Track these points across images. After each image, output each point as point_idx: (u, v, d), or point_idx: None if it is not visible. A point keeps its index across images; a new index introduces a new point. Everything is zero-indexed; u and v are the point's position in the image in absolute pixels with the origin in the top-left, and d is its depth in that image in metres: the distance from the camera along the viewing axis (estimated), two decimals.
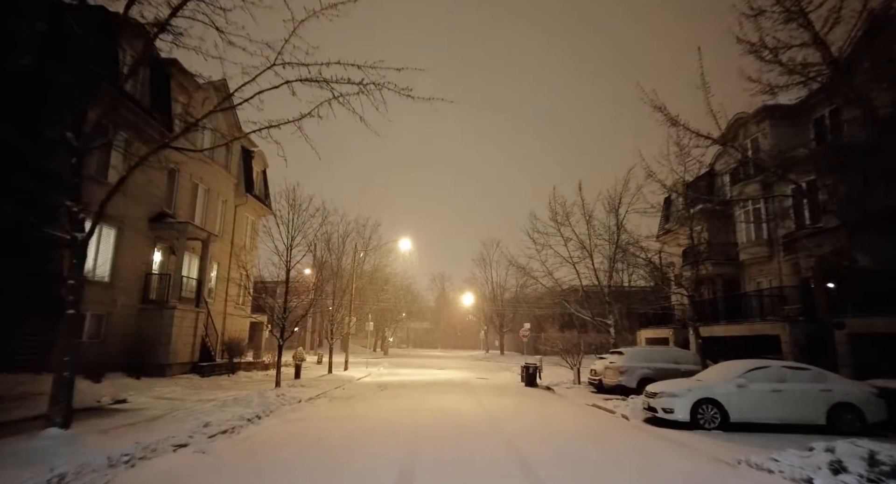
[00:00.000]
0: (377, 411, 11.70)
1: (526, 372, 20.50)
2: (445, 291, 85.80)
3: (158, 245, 16.91)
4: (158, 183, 16.67)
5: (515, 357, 52.13)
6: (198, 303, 17.62)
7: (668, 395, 10.01)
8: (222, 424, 8.77)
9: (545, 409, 13.09)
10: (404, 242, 27.90)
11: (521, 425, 10.09)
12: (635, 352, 14.98)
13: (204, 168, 19.75)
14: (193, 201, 19.17)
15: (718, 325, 18.59)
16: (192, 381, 15.64)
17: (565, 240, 20.76)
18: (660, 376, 14.26)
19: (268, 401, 11.60)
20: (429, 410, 11.95)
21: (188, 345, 16.80)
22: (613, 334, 20.48)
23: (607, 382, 15.39)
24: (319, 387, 16.85)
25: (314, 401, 13.46)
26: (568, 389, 18.90)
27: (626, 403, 12.62)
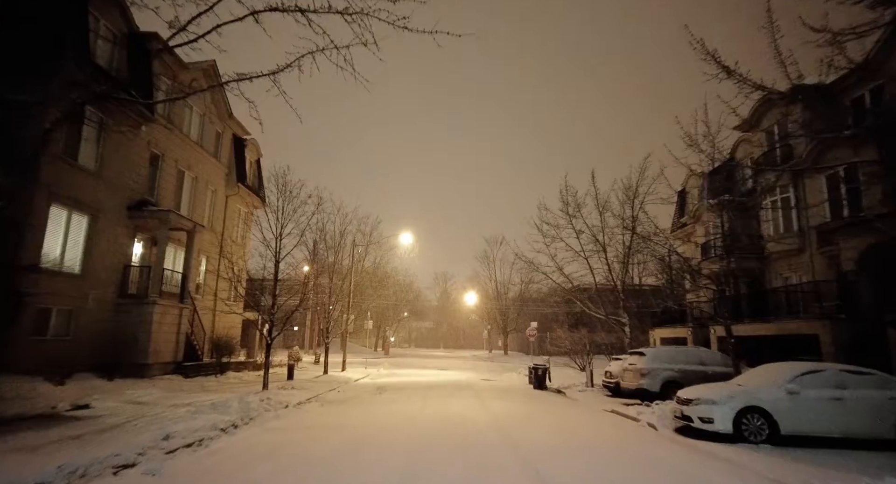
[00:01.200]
0: (372, 419, 10.41)
1: (534, 374, 19.19)
2: (448, 290, 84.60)
3: (139, 235, 15.66)
4: (139, 169, 15.42)
5: (520, 357, 50.81)
6: (182, 298, 16.37)
7: (705, 402, 8.69)
8: (189, 435, 7.49)
9: (560, 416, 11.78)
10: (405, 237, 26.60)
11: (536, 436, 8.78)
12: (658, 352, 13.66)
13: (191, 155, 18.50)
14: (179, 190, 17.93)
15: (742, 323, 17.22)
16: (173, 382, 14.38)
17: (577, 232, 19.42)
18: (686, 379, 12.95)
19: (249, 406, 10.33)
20: (430, 418, 10.65)
21: (171, 343, 15.56)
22: (628, 334, 19.14)
23: (626, 385, 14.07)
24: (312, 389, 15.58)
25: (303, 406, 12.17)
26: (580, 392, 17.59)
27: (650, 410, 11.29)
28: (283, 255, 14.43)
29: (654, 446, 8.30)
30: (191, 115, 18.50)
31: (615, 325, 19.67)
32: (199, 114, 19.08)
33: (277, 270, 14.26)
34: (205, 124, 19.54)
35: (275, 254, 14.17)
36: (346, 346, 52.50)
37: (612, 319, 19.28)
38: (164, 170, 16.74)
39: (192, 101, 18.40)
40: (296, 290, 17.44)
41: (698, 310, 23.23)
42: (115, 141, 14.09)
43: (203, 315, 19.23)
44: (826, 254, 15.32)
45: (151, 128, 15.73)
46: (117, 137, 14.19)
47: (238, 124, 22.28)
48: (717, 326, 18.49)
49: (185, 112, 18.04)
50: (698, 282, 16.36)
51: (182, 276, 16.59)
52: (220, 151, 20.96)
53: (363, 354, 45.71)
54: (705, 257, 21.15)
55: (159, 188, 16.54)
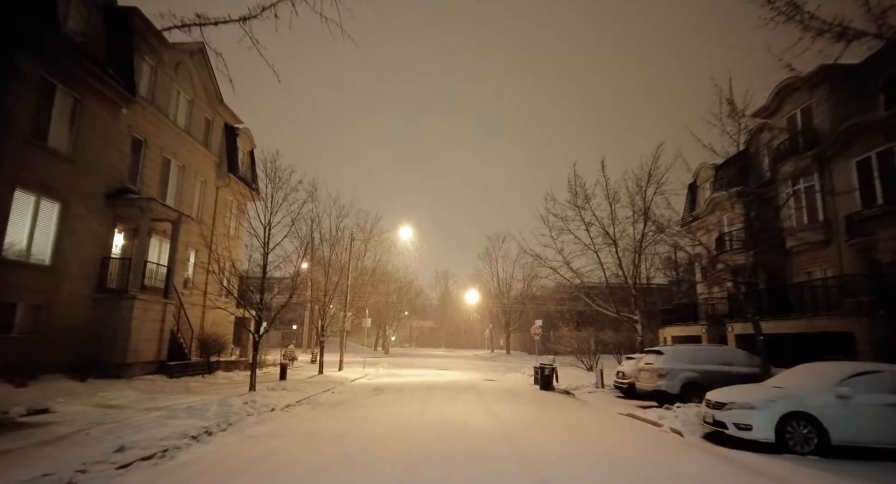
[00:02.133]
0: (366, 424, 9.40)
1: (541, 374, 18.17)
2: (449, 289, 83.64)
3: (120, 226, 14.67)
4: (120, 154, 14.42)
5: (522, 357, 49.79)
6: (166, 293, 15.38)
7: (742, 406, 7.66)
8: (151, 444, 6.49)
9: (571, 420, 10.76)
10: (405, 231, 25.56)
11: (547, 445, 7.76)
12: (677, 351, 12.63)
13: (178, 142, 17.49)
14: (165, 179, 16.92)
15: (763, 321, 16.15)
16: (154, 383, 13.39)
17: (587, 225, 18.36)
18: (709, 380, 11.91)
19: (230, 410, 9.32)
20: (430, 423, 9.64)
21: (153, 341, 14.56)
22: (640, 332, 18.08)
23: (641, 386, 13.04)
24: (304, 390, 14.58)
25: (292, 409, 11.16)
26: (590, 393, 16.58)
27: (672, 414, 10.27)
28: (272, 246, 13.42)
29: (684, 457, 7.28)
30: (178, 99, 17.49)
31: (627, 323, 18.62)
32: (186, 99, 18.08)
33: (266, 262, 13.24)
34: (193, 110, 18.53)
35: (263, 244, 13.16)
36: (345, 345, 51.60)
37: (623, 317, 18.22)
38: (147, 157, 15.73)
39: (179, 86, 17.41)
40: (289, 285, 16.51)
41: (711, 306, 22.25)
42: (91, 123, 13.09)
43: (191, 312, 18.25)
44: (856, 246, 14.28)
45: (133, 111, 14.73)
46: (94, 119, 13.19)
47: (230, 112, 21.28)
48: (734, 324, 17.45)
49: (172, 96, 17.03)
50: (721, 275, 15.30)
51: (167, 269, 15.58)
52: (210, 140, 19.96)
53: (362, 354, 44.71)
54: (721, 251, 20.11)
55: (142, 176, 15.53)
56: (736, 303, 18.64)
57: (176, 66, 17.14)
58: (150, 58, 15.66)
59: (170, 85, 16.78)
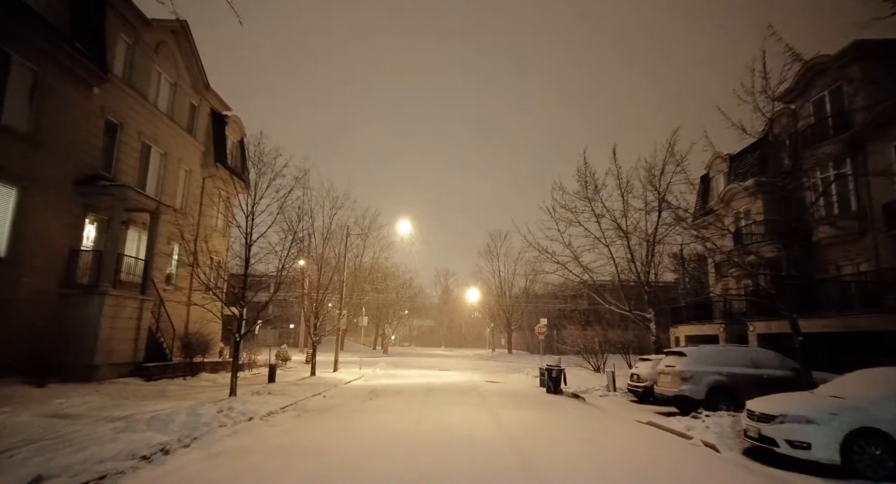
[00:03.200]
0: (354, 437, 8.22)
1: (548, 376, 17.00)
2: (449, 288, 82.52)
3: (91, 215, 13.49)
4: (91, 137, 13.24)
5: (524, 356, 48.63)
6: (144, 289, 14.21)
7: (795, 419, 6.48)
8: (87, 470, 5.31)
9: (587, 430, 9.59)
10: (404, 225, 24.35)
11: (568, 466, 6.58)
12: (701, 352, 11.44)
13: (159, 128, 16.30)
14: (144, 166, 15.74)
15: (780, 320, 15.00)
16: (126, 387, 12.23)
17: (597, 216, 17.15)
18: (738, 385, 10.75)
19: (199, 420, 8.15)
20: (429, 435, 8.46)
21: (128, 341, 13.40)
22: (654, 331, 16.90)
23: (661, 390, 11.87)
24: (292, 394, 13.42)
25: (274, 417, 9.99)
26: (601, 397, 15.42)
27: (702, 424, 9.09)
28: (256, 237, 12.24)
29: (730, 481, 6.10)
30: (158, 81, 16.29)
31: (636, 321, 17.43)
32: (168, 82, 16.88)
33: (248, 255, 12.07)
34: (176, 94, 17.33)
35: (245, 234, 11.98)
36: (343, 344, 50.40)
37: (636, 315, 17.04)
38: (124, 142, 14.54)
39: (160, 67, 16.22)
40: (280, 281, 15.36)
41: (726, 304, 21.06)
42: (56, 101, 11.92)
43: (175, 310, 17.07)
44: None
45: (107, 91, 13.55)
46: (60, 97, 12.02)
47: (217, 98, 20.09)
48: (756, 323, 16.28)
49: (152, 78, 15.84)
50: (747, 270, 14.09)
51: (144, 263, 14.41)
52: (195, 127, 18.77)
53: (361, 353, 43.54)
54: (739, 245, 18.90)
55: (118, 162, 14.35)
56: (757, 300, 17.48)
57: (156, 45, 15.94)
58: (127, 35, 14.47)
59: (149, 65, 15.59)
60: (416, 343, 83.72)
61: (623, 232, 17.45)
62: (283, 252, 12.51)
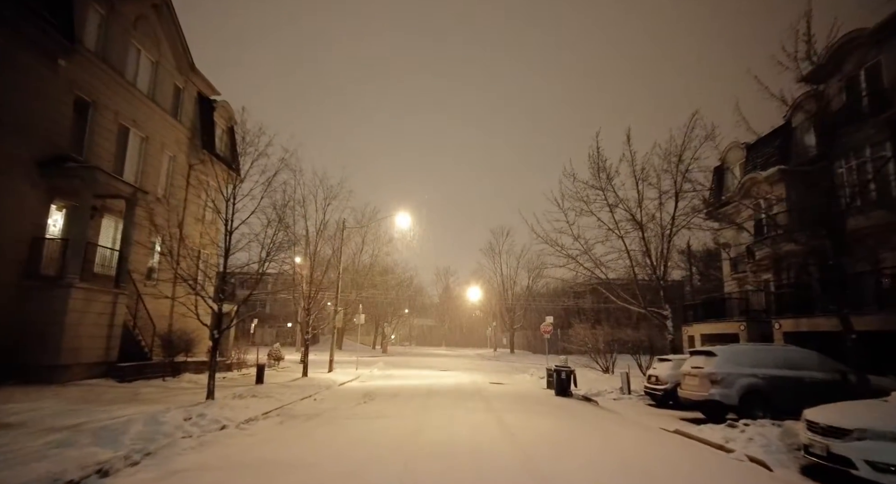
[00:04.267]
0: (342, 449, 7.05)
1: (556, 377, 15.81)
2: (450, 286, 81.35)
3: (59, 201, 12.33)
4: (59, 115, 12.07)
5: (528, 356, 47.44)
6: (118, 282, 13.04)
7: (881, 436, 5.29)
8: None
9: (608, 440, 8.40)
10: (404, 218, 23.12)
11: None
12: (734, 352, 10.25)
13: (139, 109, 15.14)
14: (121, 150, 14.57)
15: (812, 317, 13.81)
16: (93, 389, 11.07)
17: (611, 206, 15.94)
18: (776, 389, 9.58)
19: (159, 430, 6.97)
20: (429, 446, 7.28)
21: (100, 338, 12.24)
22: (671, 329, 15.71)
23: (687, 394, 10.68)
24: (279, 397, 12.26)
25: (253, 424, 8.81)
26: (615, 400, 14.25)
27: (742, 434, 7.89)
28: (237, 224, 11.06)
29: None
30: (138, 59, 15.12)
31: (648, 320, 16.24)
32: (149, 60, 15.71)
33: (228, 244, 10.90)
34: (159, 74, 16.16)
35: (226, 220, 10.81)
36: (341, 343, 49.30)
37: (651, 312, 15.85)
38: (97, 122, 13.36)
39: (139, 43, 15.05)
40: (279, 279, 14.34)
41: (744, 301, 19.87)
42: (16, 74, 10.77)
43: (157, 306, 15.90)
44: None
45: (76, 65, 12.38)
46: (19, 68, 10.86)
47: (205, 81, 18.91)
48: (783, 320, 15.07)
49: (130, 54, 14.67)
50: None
51: (119, 254, 13.24)
52: (180, 111, 17.60)
53: (360, 353, 42.40)
54: (759, 238, 17.72)
55: (91, 144, 13.18)
56: (783, 296, 16.29)
57: (135, 20, 14.78)
58: (100, 5, 13.29)
59: (127, 40, 14.42)
60: (416, 342, 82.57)
61: (638, 223, 16.25)
62: (267, 239, 11.31)
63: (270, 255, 11.39)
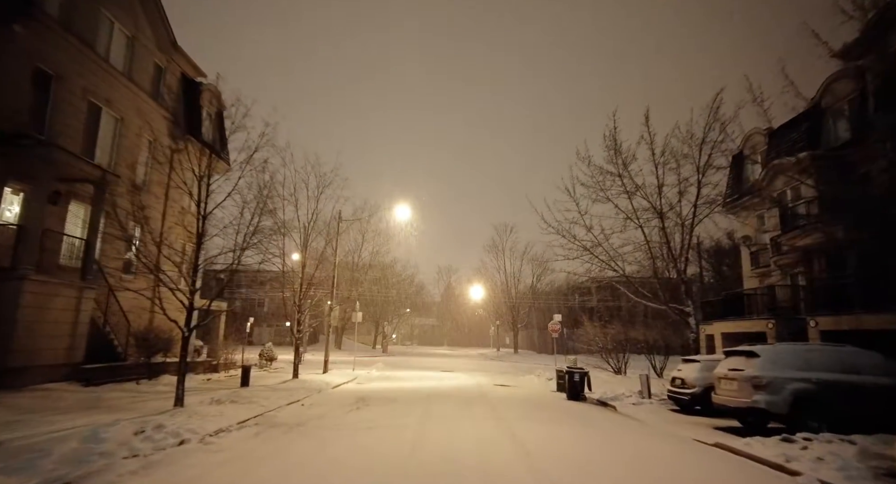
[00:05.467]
0: (321, 473, 5.76)
1: (568, 380, 14.50)
2: (452, 285, 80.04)
3: (13, 183, 11.05)
4: (14, 88, 10.79)
5: (532, 356, 46.10)
6: (84, 274, 11.77)
7: None
8: None
9: (638, 456, 7.10)
10: (403, 211, 21.78)
11: None
12: (779, 352, 8.92)
13: (113, 87, 13.87)
14: (91, 131, 13.30)
15: (856, 313, 12.47)
16: (51, 395, 9.80)
17: (629, 193, 14.62)
18: (832, 396, 8.28)
19: (95, 449, 5.69)
20: (429, 464, 5.98)
21: (62, 337, 10.98)
22: (695, 327, 14.39)
23: (723, 400, 9.36)
24: (263, 402, 10.99)
25: (223, 437, 7.52)
26: (635, 406, 12.94)
27: (801, 449, 6.58)
28: (212, 207, 9.79)
29: None
30: (111, 32, 13.85)
31: (677, 316, 14.91)
32: (125, 34, 14.43)
33: (202, 229, 9.63)
34: (136, 51, 14.88)
35: (197, 203, 9.54)
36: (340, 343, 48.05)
37: (673, 309, 14.52)
38: (62, 98, 12.09)
39: (112, 14, 13.77)
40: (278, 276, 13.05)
41: (769, 297, 18.48)
42: None
43: (136, 302, 14.60)
44: None
45: (35, 33, 11.11)
46: None
47: (189, 61, 17.64)
48: (820, 317, 13.71)
49: (102, 26, 13.40)
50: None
51: (86, 244, 11.97)
52: (161, 92, 16.31)
53: (359, 352, 41.20)
54: (789, 229, 16.36)
55: (55, 122, 11.89)
56: (818, 291, 14.94)
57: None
58: None
59: (96, 10, 13.14)
60: (417, 342, 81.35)
61: (657, 211, 14.92)
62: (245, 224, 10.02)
63: (248, 240, 10.10)
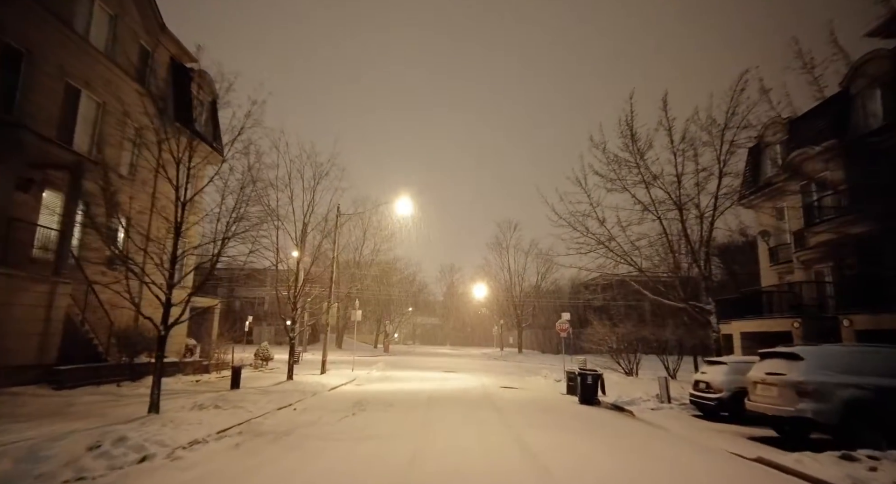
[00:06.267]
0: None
1: (581, 382, 13.55)
2: (455, 284, 79.11)
3: None
4: None
5: (536, 356, 45.13)
6: (58, 268, 10.87)
7: None
8: None
9: (672, 475, 6.14)
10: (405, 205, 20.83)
11: None
12: (825, 355, 7.93)
13: (94, 69, 12.98)
14: (69, 115, 12.40)
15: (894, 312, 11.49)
16: (14, 401, 8.92)
17: (647, 183, 13.63)
18: (888, 402, 7.25)
19: (32, 470, 4.77)
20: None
21: (32, 336, 10.10)
22: (716, 326, 13.40)
23: (760, 406, 8.39)
24: (251, 407, 10.08)
25: (196, 450, 6.60)
26: (653, 410, 11.98)
27: (867, 470, 5.62)
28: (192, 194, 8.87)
29: None
30: (91, 8, 12.94)
31: (697, 314, 13.91)
32: (106, 12, 13.52)
33: (181, 216, 8.74)
34: (119, 31, 13.98)
35: (176, 188, 8.64)
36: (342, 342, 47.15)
37: (693, 307, 13.54)
38: (35, 78, 11.18)
39: None
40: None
41: (793, 295, 17.47)
42: None
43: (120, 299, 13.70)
44: None
45: (3, 4, 10.20)
46: None
47: (178, 45, 16.73)
48: (854, 316, 12.70)
49: (79, 0, 12.48)
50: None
51: (60, 235, 11.07)
52: (148, 77, 15.37)
53: (360, 352, 40.31)
54: (815, 222, 15.37)
55: (26, 103, 10.98)
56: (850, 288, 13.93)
57: None
58: None
59: None
60: (420, 341, 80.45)
61: (675, 203, 13.93)
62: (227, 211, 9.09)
63: (231, 228, 9.18)
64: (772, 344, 14.24)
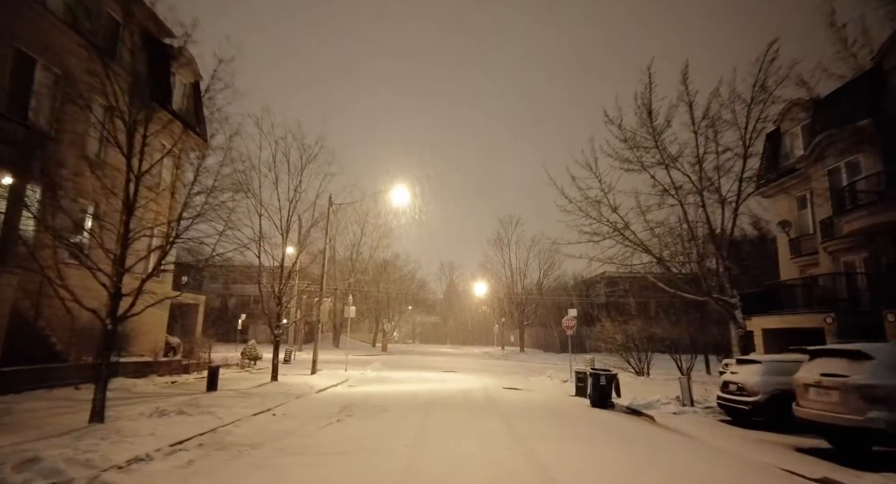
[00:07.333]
0: None
1: (593, 383, 12.31)
2: (455, 282, 77.90)
3: None
4: None
5: (540, 355, 43.84)
6: (3, 258, 9.58)
7: None
8: None
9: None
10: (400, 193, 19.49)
11: None
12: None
13: (51, 36, 11.71)
14: (22, 86, 11.14)
15: None
16: None
17: (666, 165, 12.35)
18: None
19: None
20: None
21: None
22: (741, 321, 12.15)
23: (813, 413, 7.13)
24: (222, 413, 8.82)
25: (135, 470, 5.33)
26: (675, 415, 10.75)
27: None
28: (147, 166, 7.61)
29: None
30: None
31: (721, 309, 12.64)
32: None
33: (134, 193, 7.47)
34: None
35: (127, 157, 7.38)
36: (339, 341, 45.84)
37: (717, 301, 12.27)
38: None
39: None
40: None
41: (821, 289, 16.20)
42: None
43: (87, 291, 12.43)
44: None
45: None
46: None
47: (155, 18, 15.31)
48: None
49: None
50: None
51: (4, 221, 9.78)
52: (119, 51, 14.11)
53: (357, 351, 39.05)
54: (846, 209, 14.10)
55: None
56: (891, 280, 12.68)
57: None
58: None
59: None
60: (419, 340, 79.18)
61: (696, 186, 12.67)
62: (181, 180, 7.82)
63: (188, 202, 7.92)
64: (798, 342, 13.03)
